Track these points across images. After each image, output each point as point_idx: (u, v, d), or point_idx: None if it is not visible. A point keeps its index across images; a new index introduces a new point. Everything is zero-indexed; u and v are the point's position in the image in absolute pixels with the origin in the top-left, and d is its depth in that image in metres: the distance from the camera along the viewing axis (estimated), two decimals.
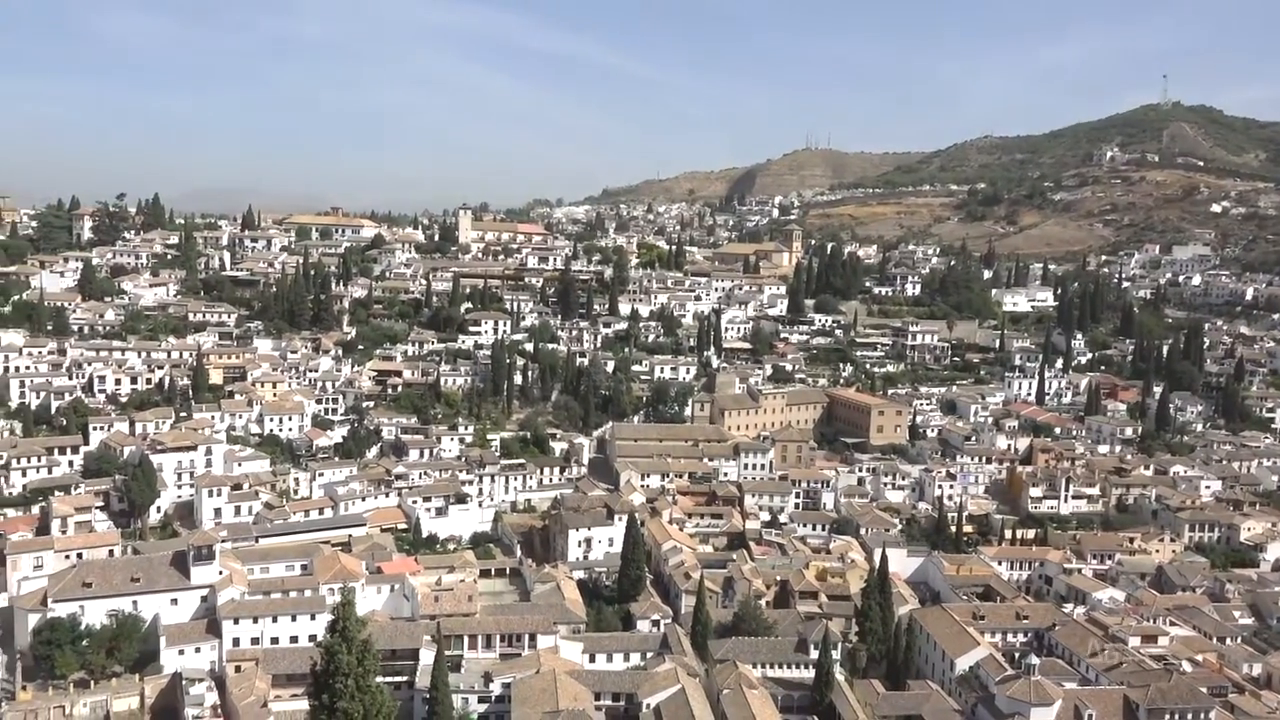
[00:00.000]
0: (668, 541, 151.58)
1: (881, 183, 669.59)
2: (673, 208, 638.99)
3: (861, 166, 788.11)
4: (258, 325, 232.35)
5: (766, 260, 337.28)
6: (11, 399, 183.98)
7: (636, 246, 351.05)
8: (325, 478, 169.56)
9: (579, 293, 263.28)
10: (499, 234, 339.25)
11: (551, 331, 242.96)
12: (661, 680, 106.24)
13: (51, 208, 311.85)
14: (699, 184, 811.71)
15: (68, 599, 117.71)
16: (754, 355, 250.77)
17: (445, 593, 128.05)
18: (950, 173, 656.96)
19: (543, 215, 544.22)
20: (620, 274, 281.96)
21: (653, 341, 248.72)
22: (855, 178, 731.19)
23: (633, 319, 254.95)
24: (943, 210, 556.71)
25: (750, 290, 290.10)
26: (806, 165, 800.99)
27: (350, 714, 54.18)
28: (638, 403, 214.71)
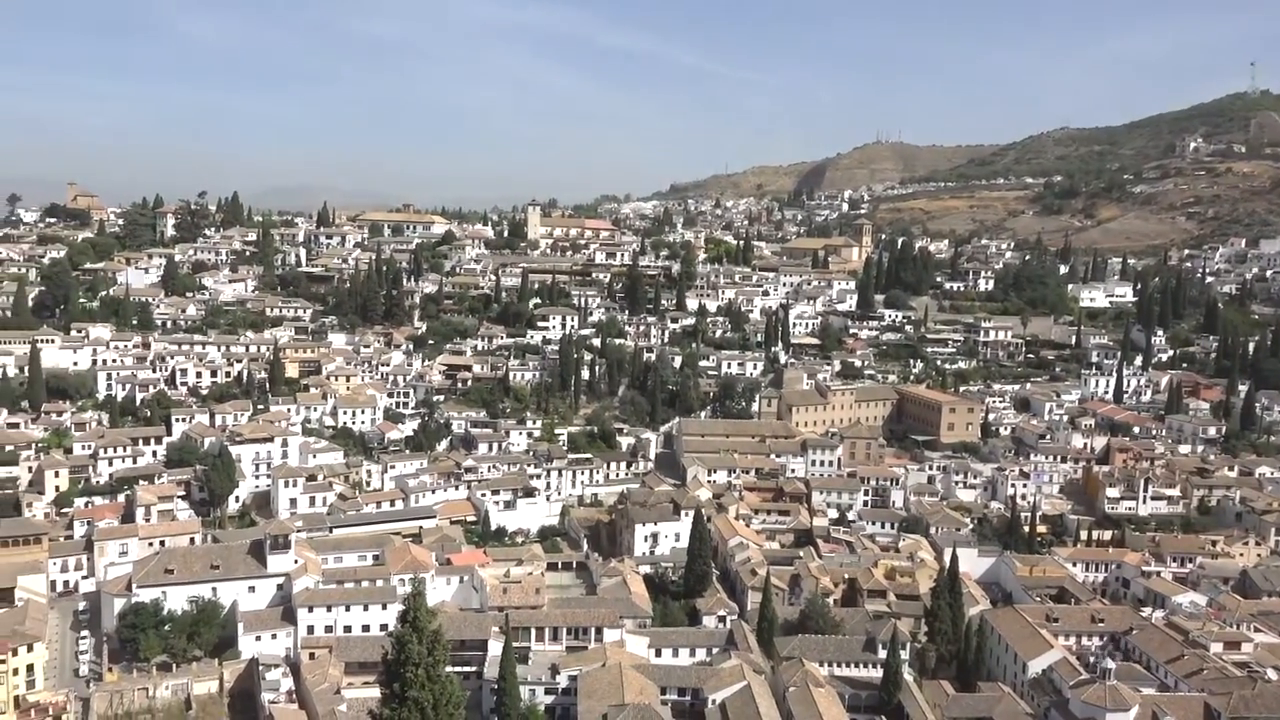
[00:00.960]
0: (734, 537, 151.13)
1: (954, 176, 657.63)
2: (740, 203, 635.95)
3: (933, 160, 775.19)
4: (332, 320, 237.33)
5: (835, 255, 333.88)
6: (99, 391, 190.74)
7: (704, 242, 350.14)
8: (396, 470, 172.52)
9: (646, 288, 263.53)
10: (567, 230, 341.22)
11: (619, 327, 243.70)
12: (727, 676, 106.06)
13: (137, 206, 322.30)
14: (767, 178, 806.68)
15: (151, 585, 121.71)
16: (822, 351, 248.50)
17: (513, 585, 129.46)
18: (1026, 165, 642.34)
19: (610, 211, 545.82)
20: (688, 269, 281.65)
21: (720, 337, 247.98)
22: (927, 171, 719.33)
23: (700, 314, 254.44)
24: (1017, 204, 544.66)
25: (819, 285, 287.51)
26: (877, 159, 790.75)
27: (421, 703, 55.05)
28: (705, 398, 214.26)
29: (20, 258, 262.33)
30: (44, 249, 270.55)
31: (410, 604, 56.80)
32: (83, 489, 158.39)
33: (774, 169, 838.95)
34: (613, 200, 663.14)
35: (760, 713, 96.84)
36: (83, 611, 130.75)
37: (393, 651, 56.68)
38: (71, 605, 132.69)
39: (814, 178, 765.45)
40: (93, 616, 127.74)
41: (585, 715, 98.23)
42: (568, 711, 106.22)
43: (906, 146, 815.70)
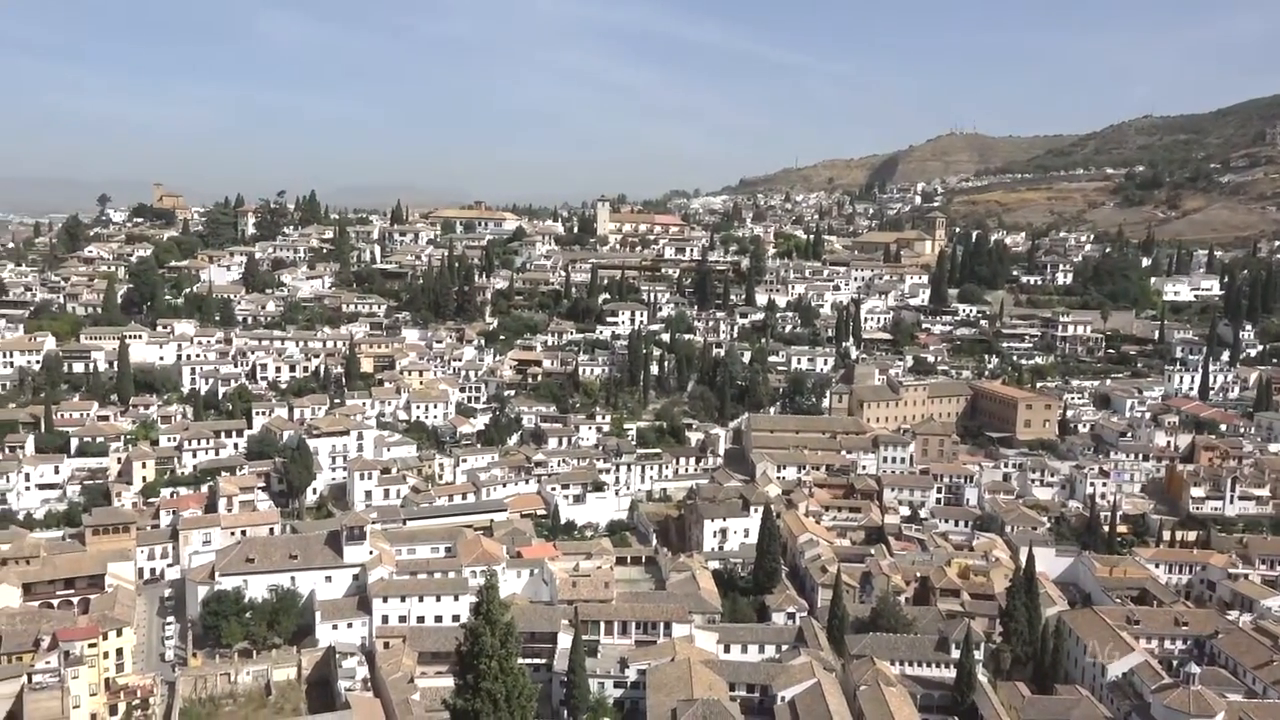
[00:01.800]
0: (804, 534, 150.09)
1: (1031, 167, 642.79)
2: (811, 196, 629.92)
3: (1010, 151, 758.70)
4: (406, 316, 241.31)
5: (908, 249, 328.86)
6: (184, 385, 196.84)
7: (774, 236, 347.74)
8: (468, 464, 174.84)
9: (715, 283, 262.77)
10: (636, 225, 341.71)
11: (688, 322, 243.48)
12: (797, 673, 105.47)
13: (219, 205, 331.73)
14: (838, 172, 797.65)
15: (233, 573, 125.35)
16: (894, 346, 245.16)
17: (583, 579, 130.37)
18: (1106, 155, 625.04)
19: (679, 206, 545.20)
20: (757, 264, 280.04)
21: (790, 332, 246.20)
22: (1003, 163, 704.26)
23: (769, 309, 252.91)
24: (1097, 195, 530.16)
25: (891, 279, 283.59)
26: (951, 151, 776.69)
27: (494, 694, 55.73)
28: (774, 394, 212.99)
29: (110, 256, 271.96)
30: (132, 248, 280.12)
31: (483, 596, 57.51)
32: (168, 480, 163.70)
33: (845, 162, 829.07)
34: (682, 195, 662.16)
35: (830, 710, 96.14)
36: (168, 598, 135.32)
37: (466, 643, 57.46)
38: (158, 592, 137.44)
39: (886, 170, 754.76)
40: (178, 603, 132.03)
41: (654, 709, 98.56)
42: (636, 705, 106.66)
43: (982, 137, 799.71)
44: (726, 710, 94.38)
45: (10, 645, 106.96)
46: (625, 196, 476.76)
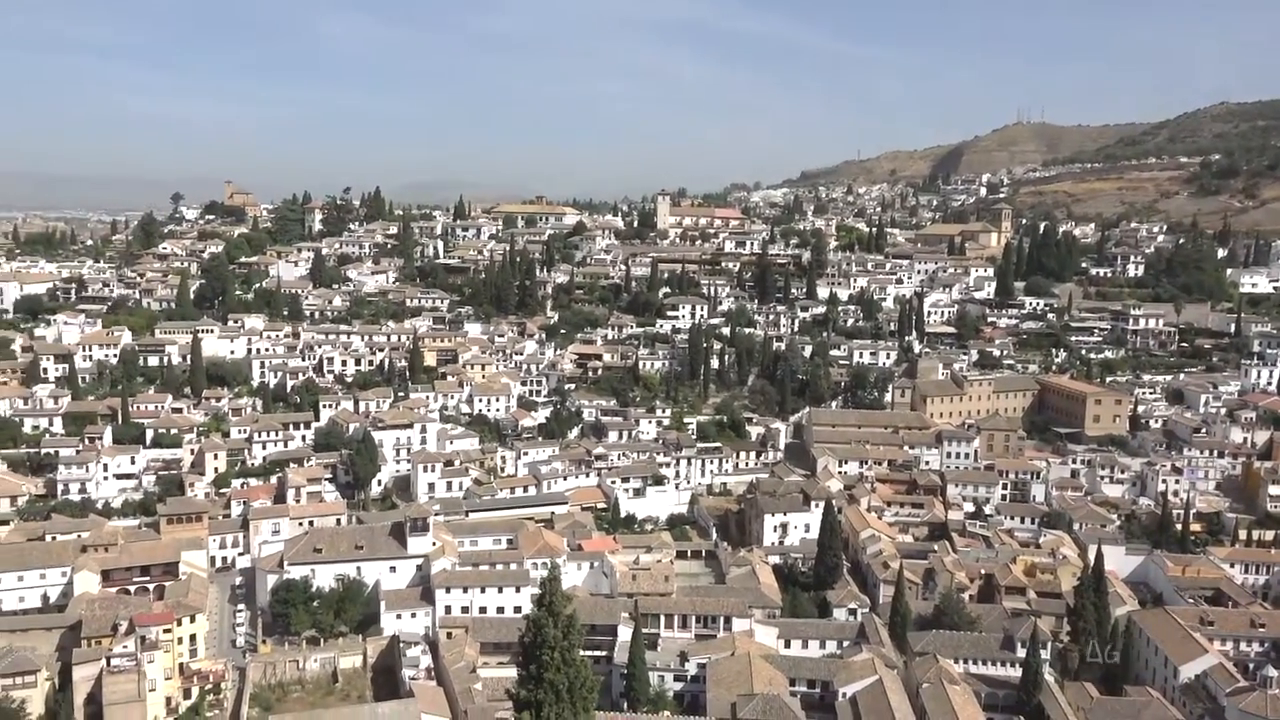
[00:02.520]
0: (865, 529, 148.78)
1: (1101, 157, 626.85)
2: (873, 188, 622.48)
3: (1079, 140, 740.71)
4: (468, 310, 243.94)
5: (973, 241, 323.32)
6: (254, 378, 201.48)
7: (835, 229, 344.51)
8: (529, 456, 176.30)
9: (776, 276, 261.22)
10: (696, 219, 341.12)
11: (748, 316, 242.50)
12: (859, 670, 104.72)
13: (287, 202, 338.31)
14: (901, 163, 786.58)
15: (301, 562, 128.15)
16: (959, 340, 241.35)
17: (643, 572, 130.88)
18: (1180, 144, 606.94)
19: (740, 199, 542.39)
20: (818, 257, 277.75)
21: (851, 326, 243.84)
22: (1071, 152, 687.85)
23: (831, 303, 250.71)
24: (1170, 184, 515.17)
25: (955, 272, 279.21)
26: (1018, 140, 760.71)
27: (556, 685, 56.26)
28: (835, 388, 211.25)
29: (183, 253, 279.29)
30: (204, 244, 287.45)
31: (546, 588, 58.01)
32: (239, 470, 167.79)
33: (908, 153, 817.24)
34: (742, 188, 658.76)
35: (892, 708, 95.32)
36: (239, 586, 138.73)
37: (529, 634, 58.04)
38: (229, 580, 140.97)
39: (950, 161, 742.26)
40: (248, 591, 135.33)
41: (714, 703, 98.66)
42: (696, 699, 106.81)
43: (1049, 127, 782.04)
44: (787, 706, 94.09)
45: (90, 630, 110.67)
46: (685, 190, 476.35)
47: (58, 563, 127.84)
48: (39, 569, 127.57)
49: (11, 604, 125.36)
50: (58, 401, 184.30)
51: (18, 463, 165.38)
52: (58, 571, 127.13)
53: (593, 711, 60.41)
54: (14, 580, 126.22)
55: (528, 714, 56.52)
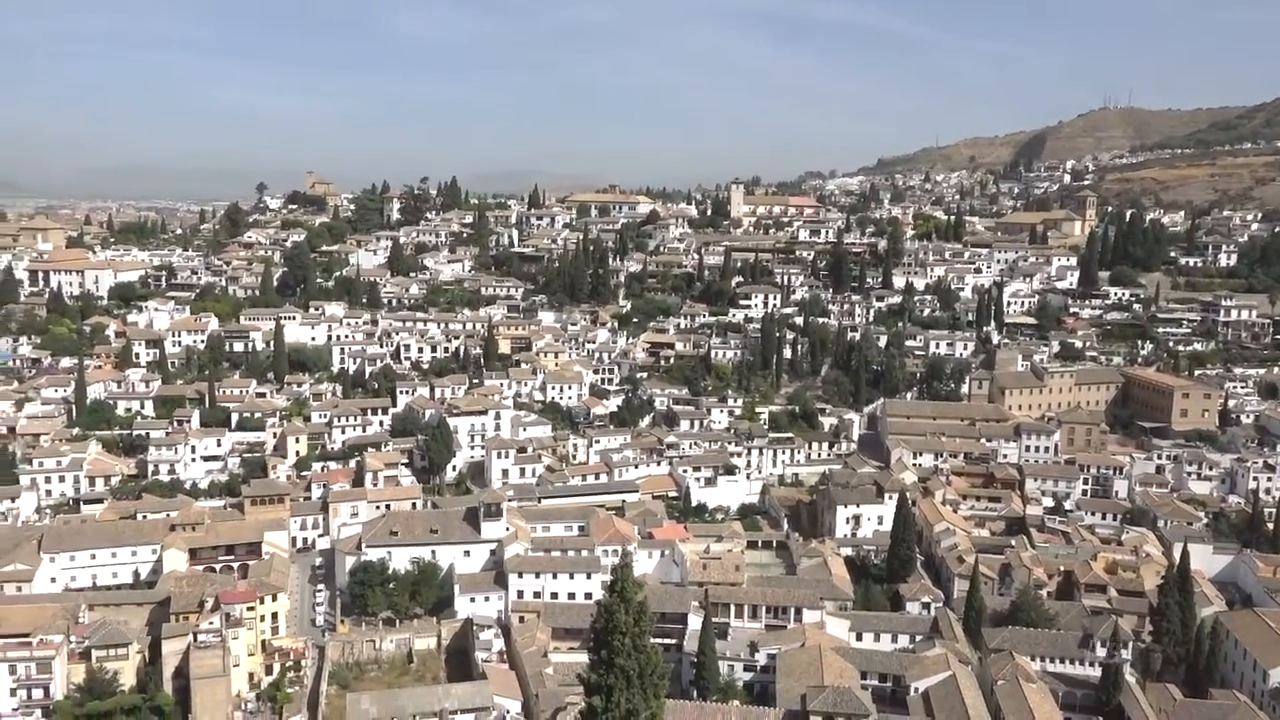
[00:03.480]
0: (940, 523, 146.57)
1: (1191, 142, 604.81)
2: (952, 176, 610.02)
3: (1168, 125, 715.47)
4: (542, 298, 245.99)
5: (1055, 229, 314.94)
6: (334, 364, 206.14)
7: (912, 217, 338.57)
8: (601, 444, 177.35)
9: (851, 266, 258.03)
10: (770, 207, 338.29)
11: (822, 305, 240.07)
12: (931, 665, 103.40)
13: (366, 192, 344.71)
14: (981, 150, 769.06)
15: (378, 545, 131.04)
16: (1039, 331, 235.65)
17: (713, 561, 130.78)
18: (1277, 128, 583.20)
19: (815, 188, 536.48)
20: (895, 246, 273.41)
21: (928, 316, 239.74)
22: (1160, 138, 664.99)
23: (907, 292, 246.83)
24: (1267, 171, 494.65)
25: (1036, 262, 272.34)
26: (1103, 126, 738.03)
27: (627, 671, 56.61)
28: (911, 379, 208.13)
29: (267, 241, 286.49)
30: (287, 233, 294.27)
31: (618, 575, 58.35)
32: (319, 454, 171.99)
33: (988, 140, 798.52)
34: (817, 176, 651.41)
35: (966, 705, 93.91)
36: (319, 567, 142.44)
37: (600, 620, 58.50)
38: (309, 560, 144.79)
39: (1033, 148, 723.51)
40: (327, 572, 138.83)
41: (784, 694, 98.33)
42: (766, 689, 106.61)
43: (1137, 111, 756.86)
44: (858, 698, 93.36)
45: (178, 606, 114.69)
46: (759, 179, 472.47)
47: (148, 541, 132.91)
48: (131, 546, 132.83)
49: (105, 579, 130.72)
50: (149, 385, 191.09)
51: (111, 444, 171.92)
52: (148, 549, 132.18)
53: (663, 698, 60.62)
54: (108, 557, 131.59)
55: (598, 698, 56.98)
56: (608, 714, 56.34)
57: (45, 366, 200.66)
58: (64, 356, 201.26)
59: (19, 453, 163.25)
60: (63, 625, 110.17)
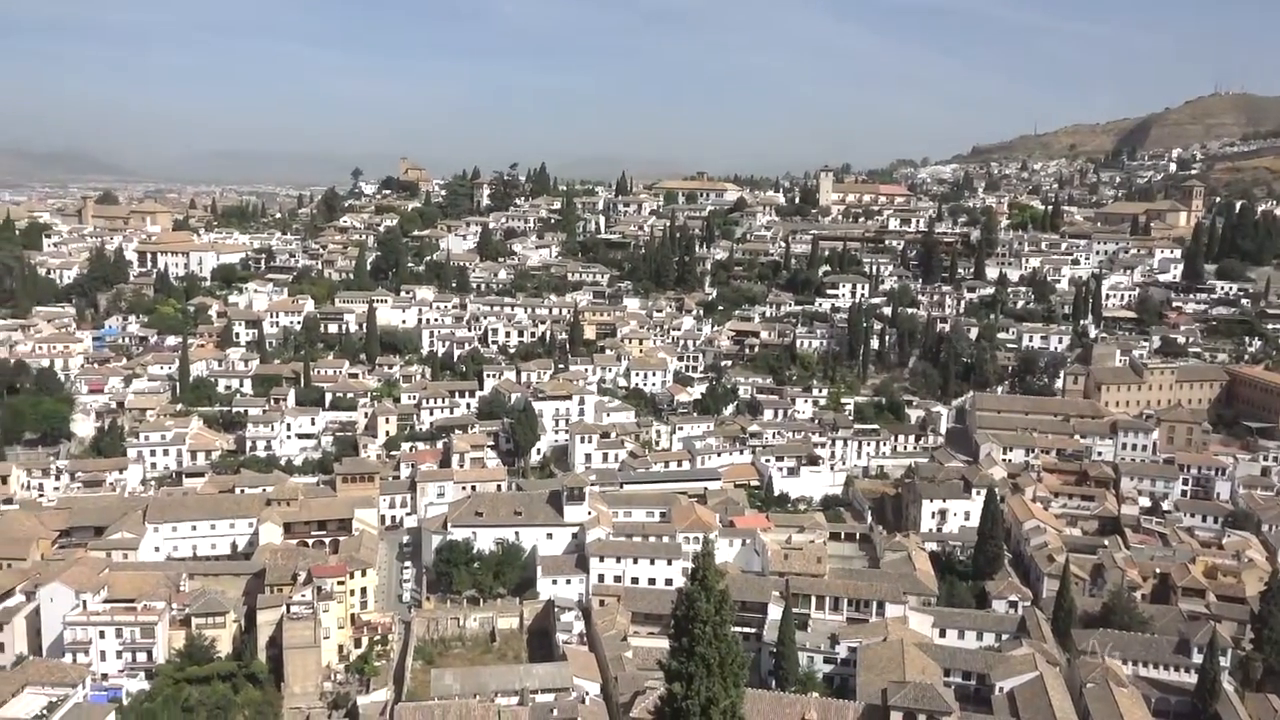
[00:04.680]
0: (1030, 520, 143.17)
1: None
2: (1050, 164, 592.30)
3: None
4: (627, 285, 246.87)
5: (1159, 220, 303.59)
6: (423, 347, 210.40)
7: (1007, 207, 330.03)
8: (684, 432, 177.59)
9: (942, 255, 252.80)
10: (860, 196, 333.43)
11: (911, 295, 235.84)
12: (1017, 664, 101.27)
13: (458, 178, 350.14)
14: (1081, 138, 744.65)
15: (463, 525, 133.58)
16: (1139, 325, 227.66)
17: (795, 552, 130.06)
18: None
19: (906, 176, 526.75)
20: (988, 235, 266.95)
21: (1021, 308, 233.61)
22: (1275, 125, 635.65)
23: (1000, 283, 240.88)
24: None
25: (1138, 253, 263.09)
26: (1214, 112, 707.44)
27: (707, 659, 56.72)
28: (1002, 372, 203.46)
29: (361, 226, 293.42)
30: (380, 218, 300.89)
31: (700, 563, 58.43)
32: (408, 435, 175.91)
33: (1089, 128, 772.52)
34: (909, 164, 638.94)
35: (1053, 706, 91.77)
36: (406, 544, 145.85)
37: (682, 607, 58.71)
38: (397, 538, 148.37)
39: (1136, 136, 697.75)
40: (414, 550, 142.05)
41: (864, 688, 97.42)
42: (846, 682, 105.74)
43: (1250, 98, 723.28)
44: (940, 695, 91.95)
45: (273, 578, 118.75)
46: (849, 166, 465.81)
47: (245, 514, 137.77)
48: (229, 519, 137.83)
49: (205, 550, 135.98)
50: (247, 364, 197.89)
51: (212, 420, 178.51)
52: (245, 522, 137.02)
53: (743, 687, 60.62)
54: (207, 528, 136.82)
55: (678, 685, 57.21)
56: (688, 701, 56.53)
57: (152, 344, 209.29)
58: (169, 335, 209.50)
59: (127, 426, 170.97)
60: (165, 593, 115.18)
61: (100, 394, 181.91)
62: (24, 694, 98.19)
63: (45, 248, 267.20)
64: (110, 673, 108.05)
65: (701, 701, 56.43)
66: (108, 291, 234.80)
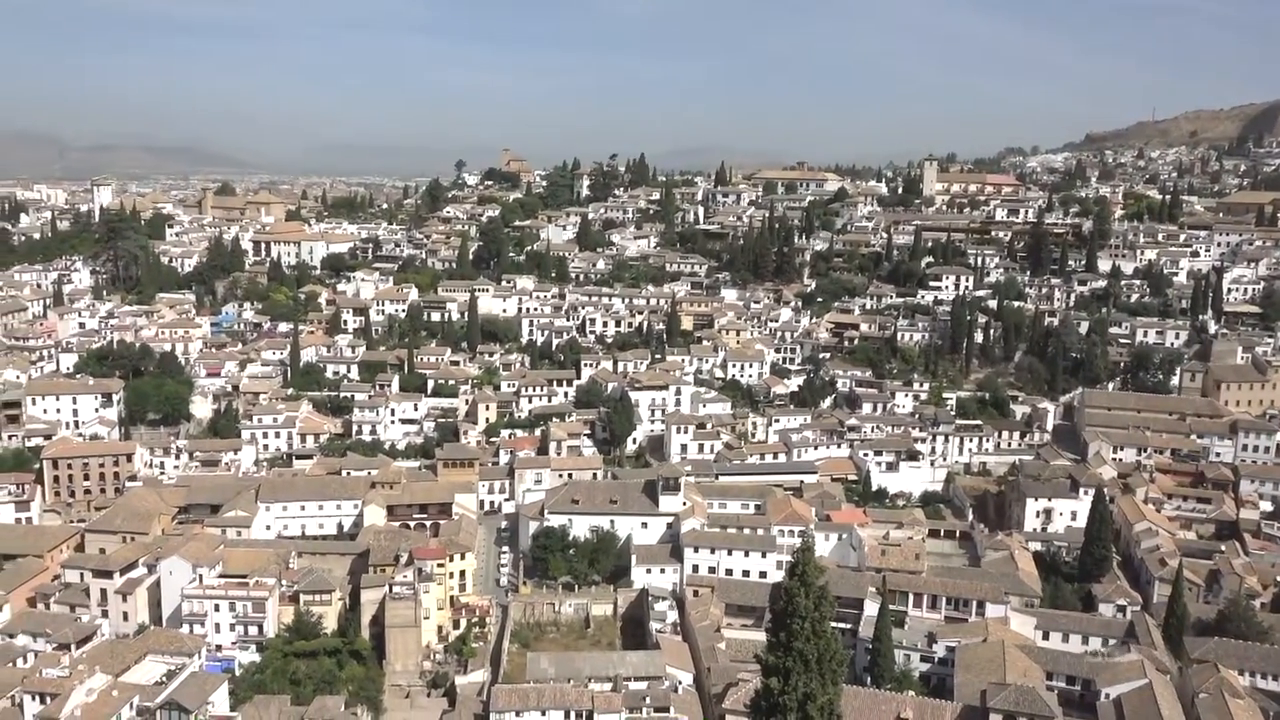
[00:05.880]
0: (1141, 522, 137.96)
1: None
2: (1169, 152, 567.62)
3: None
4: (725, 276, 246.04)
5: None
6: (522, 335, 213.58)
7: (1122, 197, 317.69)
8: (780, 424, 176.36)
9: (1052, 247, 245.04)
10: (965, 185, 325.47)
11: (1018, 288, 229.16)
12: (1125, 670, 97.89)
13: (558, 169, 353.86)
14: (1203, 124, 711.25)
15: (560, 512, 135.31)
16: (1263, 321, 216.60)
17: (892, 548, 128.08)
18: None
19: (1015, 165, 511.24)
20: (1101, 226, 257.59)
21: (1135, 302, 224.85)
22: None
23: (1113, 276, 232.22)
24: None
25: (1263, 245, 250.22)
26: None
27: (805, 655, 56.33)
28: (1113, 368, 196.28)
29: (464, 216, 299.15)
30: (482, 208, 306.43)
31: (799, 558, 58.03)
32: (507, 422, 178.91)
33: (1212, 113, 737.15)
34: (1017, 153, 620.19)
35: (1163, 715, 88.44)
36: (503, 530, 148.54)
37: (780, 602, 58.46)
38: (495, 523, 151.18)
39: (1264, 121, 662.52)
40: (511, 535, 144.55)
41: (962, 688, 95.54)
42: (944, 682, 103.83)
43: None
44: (1042, 699, 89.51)
45: (376, 558, 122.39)
46: (955, 155, 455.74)
47: (351, 496, 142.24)
48: (335, 500, 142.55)
49: (313, 529, 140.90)
50: (354, 351, 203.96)
51: (320, 404, 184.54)
52: (350, 504, 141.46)
53: (840, 684, 60.04)
54: (315, 509, 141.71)
55: (775, 680, 56.95)
56: (784, 696, 56.24)
57: (265, 330, 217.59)
58: (281, 321, 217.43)
59: (241, 409, 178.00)
60: (276, 570, 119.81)
61: (217, 377, 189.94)
62: (145, 661, 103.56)
63: (168, 237, 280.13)
64: (224, 644, 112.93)
65: (799, 697, 56.08)
66: (225, 279, 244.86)
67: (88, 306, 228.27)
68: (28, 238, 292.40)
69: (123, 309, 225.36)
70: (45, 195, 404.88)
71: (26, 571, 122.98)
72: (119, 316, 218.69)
